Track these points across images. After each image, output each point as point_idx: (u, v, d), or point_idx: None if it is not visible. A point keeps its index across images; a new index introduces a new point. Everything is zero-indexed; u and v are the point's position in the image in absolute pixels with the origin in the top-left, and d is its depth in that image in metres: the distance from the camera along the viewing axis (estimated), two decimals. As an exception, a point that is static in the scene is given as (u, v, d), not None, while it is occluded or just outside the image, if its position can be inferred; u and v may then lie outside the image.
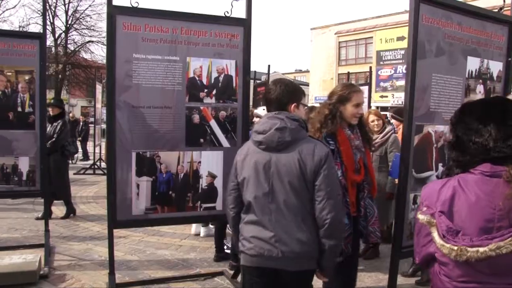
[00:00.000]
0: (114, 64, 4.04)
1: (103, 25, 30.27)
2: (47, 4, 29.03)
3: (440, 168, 3.63)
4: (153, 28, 4.18)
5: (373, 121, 5.75)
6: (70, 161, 12.21)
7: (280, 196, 2.59)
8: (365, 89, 11.01)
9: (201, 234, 6.82)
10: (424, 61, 3.37)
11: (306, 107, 2.96)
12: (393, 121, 6.69)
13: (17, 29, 24.70)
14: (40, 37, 5.53)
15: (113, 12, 4.06)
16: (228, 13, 4.43)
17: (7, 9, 29.42)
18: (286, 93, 2.73)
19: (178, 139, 4.29)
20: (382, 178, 5.51)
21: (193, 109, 4.33)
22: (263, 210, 2.63)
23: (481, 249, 1.96)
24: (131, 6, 4.11)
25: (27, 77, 5.35)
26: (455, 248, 2.00)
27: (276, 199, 2.60)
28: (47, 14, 28.82)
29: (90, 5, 30.77)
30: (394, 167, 5.00)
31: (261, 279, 2.71)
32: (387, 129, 5.73)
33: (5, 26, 26.91)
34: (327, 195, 2.51)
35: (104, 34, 29.94)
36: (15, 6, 37.13)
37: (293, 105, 2.74)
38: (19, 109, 5.28)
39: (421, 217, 2.06)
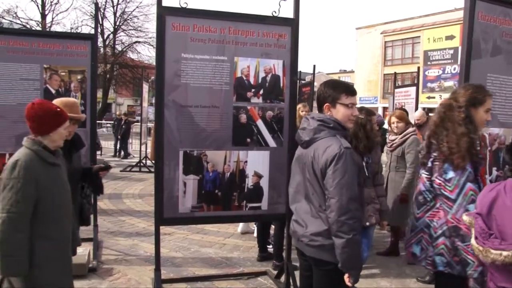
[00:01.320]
0: (164, 63, 4.10)
1: (149, 26, 30.97)
2: (98, 6, 29.94)
3: (494, 172, 3.50)
4: (201, 28, 4.22)
5: (393, 122, 5.81)
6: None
7: (303, 189, 2.88)
8: (412, 90, 10.77)
9: (239, 230, 6.87)
10: (479, 60, 3.25)
11: (352, 105, 2.88)
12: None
13: (69, 31, 25.52)
14: (91, 38, 5.71)
15: (163, 13, 4.12)
16: (275, 12, 4.42)
17: (60, 12, 30.50)
18: (322, 94, 2.89)
19: (225, 138, 4.31)
20: (398, 178, 5.65)
21: (240, 108, 4.34)
22: (294, 198, 3.00)
23: (504, 253, 1.90)
24: (180, 6, 4.16)
25: (79, 77, 5.52)
26: (481, 249, 1.97)
27: (300, 190, 2.91)
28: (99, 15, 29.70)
29: (137, 7, 31.60)
30: None
31: (300, 258, 3.09)
32: (407, 130, 5.69)
33: (58, 28, 27.96)
34: (330, 195, 2.63)
35: (151, 35, 30.83)
36: (67, 9, 38.50)
37: (326, 106, 2.86)
38: (71, 107, 5.44)
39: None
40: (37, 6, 29.17)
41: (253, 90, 4.38)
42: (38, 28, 27.04)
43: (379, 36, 42.37)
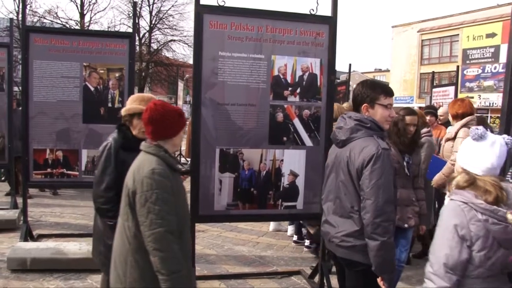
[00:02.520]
0: (201, 61, 4.12)
1: (184, 24, 31.31)
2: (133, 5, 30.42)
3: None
4: (239, 26, 4.22)
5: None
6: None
7: (334, 189, 2.87)
8: (450, 89, 10.52)
9: (270, 228, 6.88)
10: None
11: (390, 106, 2.85)
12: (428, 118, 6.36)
13: (108, 30, 26.04)
14: (130, 36, 5.81)
15: (200, 11, 4.14)
16: (313, 10, 4.38)
17: (98, 12, 31.14)
18: (359, 94, 2.87)
19: (261, 136, 4.30)
20: None
21: (277, 107, 4.32)
22: (327, 197, 2.98)
23: None
24: (218, 5, 4.18)
25: (117, 74, 5.62)
26: None
27: (332, 190, 2.90)
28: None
29: (173, 5, 31.87)
30: (431, 169, 4.81)
31: (333, 260, 3.11)
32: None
33: (96, 27, 28.51)
34: (366, 196, 2.60)
35: (186, 33, 31.18)
36: (104, 9, 39.33)
37: (364, 106, 2.83)
38: (109, 104, 5.55)
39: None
40: (76, 6, 29.83)
41: (290, 88, 4.35)
42: (77, 27, 27.69)
43: (415, 35, 41.53)
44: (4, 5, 66.13)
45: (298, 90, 4.38)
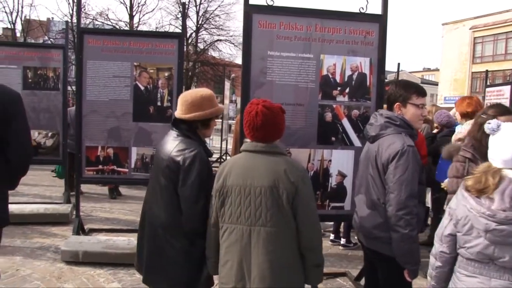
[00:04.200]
0: (250, 61, 4.14)
1: (231, 24, 31.60)
2: (181, 6, 30.97)
3: None
4: (287, 26, 4.21)
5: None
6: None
7: (365, 182, 2.97)
8: (506, 89, 10.09)
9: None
10: None
11: (422, 106, 2.92)
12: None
13: (158, 30, 26.58)
14: (179, 36, 5.89)
15: (250, 11, 4.16)
16: (363, 9, 4.31)
17: (146, 13, 31.87)
18: (393, 93, 2.98)
19: (309, 136, 4.27)
20: None
21: (326, 107, 4.29)
22: (358, 190, 3.11)
23: None
24: (266, 4, 4.18)
25: (166, 74, 5.71)
26: None
27: (363, 183, 3.01)
28: (180, 15, 30.79)
29: (219, 6, 32.19)
30: (440, 171, 4.64)
31: (363, 248, 3.21)
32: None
33: (144, 28, 29.17)
34: (390, 189, 2.70)
35: (232, 33, 31.46)
36: (153, 10, 40.12)
37: (397, 105, 2.94)
38: (159, 103, 5.65)
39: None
40: (126, 8, 30.65)
41: (339, 88, 4.31)
42: (126, 28, 28.42)
43: (467, 32, 40.17)
44: (59, 8, 68.60)
45: (347, 90, 4.32)
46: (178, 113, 2.85)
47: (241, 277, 2.39)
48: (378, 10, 4.41)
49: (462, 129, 4.84)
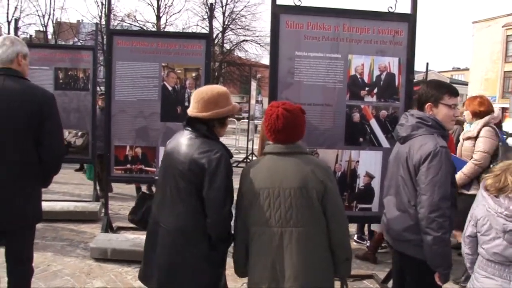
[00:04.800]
0: (277, 61, 4.13)
1: (257, 24, 31.69)
2: (207, 7, 31.25)
3: None
4: (315, 26, 4.20)
5: None
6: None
7: (395, 183, 2.93)
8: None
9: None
10: None
11: (454, 106, 2.88)
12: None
13: (186, 31, 26.84)
14: (206, 37, 5.92)
15: (277, 11, 4.16)
16: (392, 8, 4.27)
17: (173, 14, 32.22)
18: (424, 93, 2.93)
19: (337, 137, 4.25)
20: None
21: (354, 107, 4.26)
22: (387, 191, 3.06)
23: None
24: (294, 4, 4.17)
25: (194, 74, 5.75)
26: None
27: (393, 185, 2.97)
28: (207, 16, 31.05)
29: (245, 6, 32.33)
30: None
31: (391, 250, 3.19)
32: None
33: (171, 29, 29.52)
34: (422, 191, 2.65)
35: (258, 33, 31.56)
36: (179, 11, 40.60)
37: (428, 105, 2.89)
38: (186, 103, 5.69)
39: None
40: (153, 9, 31.08)
41: (367, 88, 4.27)
42: (153, 29, 28.78)
43: (500, 30, 39.20)
44: (89, 11, 70.02)
45: (376, 90, 4.28)
46: (193, 111, 2.69)
47: (274, 278, 2.40)
48: (407, 9, 4.35)
49: (472, 128, 4.79)
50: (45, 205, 6.58)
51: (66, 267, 4.98)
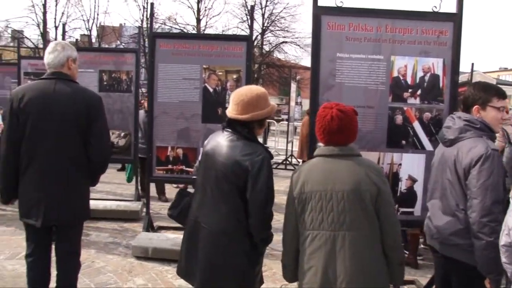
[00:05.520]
0: (319, 63, 4.12)
1: (296, 26, 31.67)
2: (247, 9, 31.43)
3: None
4: (357, 27, 4.16)
5: None
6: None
7: (440, 187, 2.88)
8: None
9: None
10: None
11: (503, 109, 2.80)
12: None
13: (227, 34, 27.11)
14: (247, 39, 5.97)
15: (318, 13, 4.14)
16: (436, 8, 4.18)
17: (213, 16, 32.55)
18: (471, 95, 2.87)
19: (379, 139, 4.19)
20: None
21: (396, 109, 4.19)
22: (432, 195, 3.01)
23: None
24: (335, 6, 4.14)
25: (234, 76, 5.80)
26: None
27: (438, 188, 2.91)
28: (246, 18, 31.24)
29: (284, 8, 32.31)
30: None
31: (434, 255, 3.09)
32: None
33: (211, 31, 29.83)
34: (473, 195, 2.58)
35: (297, 35, 31.51)
36: (219, 13, 40.99)
37: (475, 107, 2.83)
38: (227, 105, 5.72)
39: None
40: (193, 12, 31.50)
41: (410, 90, 4.20)
42: (194, 32, 29.18)
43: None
44: (131, 14, 71.79)
45: (419, 92, 4.20)
46: (233, 113, 2.71)
47: (326, 282, 2.38)
48: (452, 9, 4.25)
49: None
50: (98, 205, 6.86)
51: (109, 264, 5.12)
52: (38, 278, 3.34)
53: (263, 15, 32.48)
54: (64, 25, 10.31)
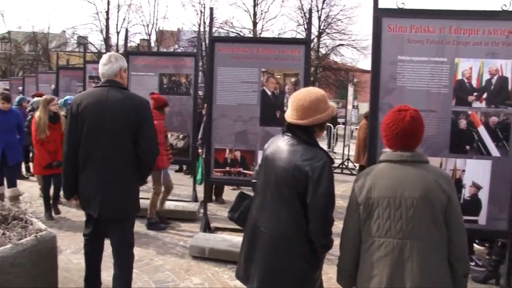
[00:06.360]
0: (379, 66, 4.06)
1: (353, 28, 31.28)
2: (303, 12, 31.40)
3: None
4: (419, 29, 4.07)
5: None
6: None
7: None
8: None
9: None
10: None
11: None
12: None
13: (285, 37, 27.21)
14: (305, 42, 5.94)
15: (379, 15, 4.09)
16: (505, 6, 4.00)
17: (269, 20, 32.76)
18: None
19: (441, 144, 4.07)
20: None
21: (460, 113, 4.06)
22: None
23: None
24: (397, 7, 4.07)
25: (293, 79, 5.79)
26: None
27: None
28: (303, 21, 31.22)
29: (341, 10, 32.03)
30: None
31: None
32: None
33: (267, 34, 30.03)
34: None
35: (354, 37, 31.14)
36: (275, 17, 41.22)
37: None
38: (285, 108, 5.73)
39: None
40: (250, 15, 31.83)
41: (475, 93, 4.05)
42: (250, 35, 29.44)
43: None
44: (188, 19, 73.51)
45: (485, 95, 4.04)
46: (293, 118, 2.67)
47: None
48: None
49: None
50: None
51: (167, 263, 5.25)
52: (91, 251, 3.83)
53: (319, 17, 32.36)
54: (126, 30, 10.64)
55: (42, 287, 3.53)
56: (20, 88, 16.75)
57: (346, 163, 13.58)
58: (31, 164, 9.58)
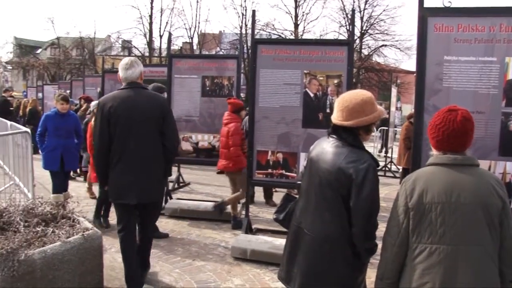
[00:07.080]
0: (425, 67, 3.99)
1: (396, 28, 30.79)
2: (345, 13, 31.10)
3: None
4: (467, 28, 3.97)
5: None
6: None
7: None
8: None
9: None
10: None
11: None
12: None
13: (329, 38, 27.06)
14: (348, 43, 5.90)
15: (425, 14, 4.03)
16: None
17: (310, 21, 32.65)
18: None
19: (490, 147, 3.96)
20: None
21: (510, 115, 3.93)
22: None
23: None
24: (443, 6, 3.99)
25: (335, 81, 5.75)
26: None
27: None
28: (345, 22, 30.94)
29: (384, 10, 31.56)
30: None
31: None
32: None
33: (309, 36, 29.91)
34: None
35: (398, 38, 30.63)
36: (317, 18, 41.03)
37: None
38: (327, 110, 5.71)
39: None
40: (291, 17, 31.82)
41: (527, 94, 3.91)
42: (291, 37, 29.41)
43: None
44: (230, 21, 74.22)
45: (539, 96, 3.90)
46: (338, 119, 2.65)
47: None
48: None
49: None
50: (190, 204, 7.20)
51: (209, 263, 5.31)
52: (128, 247, 4.26)
53: (361, 18, 32.02)
54: (170, 33, 10.83)
55: (88, 284, 3.69)
56: (68, 91, 17.34)
57: (389, 166, 13.36)
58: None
